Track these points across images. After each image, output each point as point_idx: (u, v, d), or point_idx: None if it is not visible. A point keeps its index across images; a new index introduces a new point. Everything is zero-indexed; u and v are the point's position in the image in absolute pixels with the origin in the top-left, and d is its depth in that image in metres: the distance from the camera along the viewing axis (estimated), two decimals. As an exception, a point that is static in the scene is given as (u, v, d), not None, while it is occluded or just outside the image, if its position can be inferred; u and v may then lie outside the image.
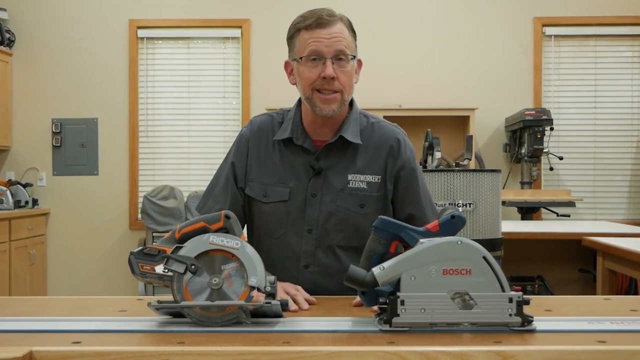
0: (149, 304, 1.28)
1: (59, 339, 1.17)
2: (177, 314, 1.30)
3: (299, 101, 1.80)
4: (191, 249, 1.26)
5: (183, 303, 1.25)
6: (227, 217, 1.30)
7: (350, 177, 1.73)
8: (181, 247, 1.27)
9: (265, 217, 1.76)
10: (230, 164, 1.80)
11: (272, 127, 1.80)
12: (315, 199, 1.72)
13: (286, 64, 1.78)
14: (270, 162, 1.77)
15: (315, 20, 1.66)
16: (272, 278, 1.27)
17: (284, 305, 1.28)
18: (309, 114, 1.74)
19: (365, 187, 1.73)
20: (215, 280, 1.26)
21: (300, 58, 1.68)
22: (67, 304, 1.59)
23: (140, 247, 1.30)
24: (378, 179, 1.75)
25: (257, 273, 1.25)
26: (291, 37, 1.72)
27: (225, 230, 1.29)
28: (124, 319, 1.35)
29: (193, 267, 1.26)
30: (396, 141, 1.78)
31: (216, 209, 1.69)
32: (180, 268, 1.25)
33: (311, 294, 1.62)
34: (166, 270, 1.26)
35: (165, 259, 1.26)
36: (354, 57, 1.71)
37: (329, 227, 1.72)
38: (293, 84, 1.77)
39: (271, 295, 1.26)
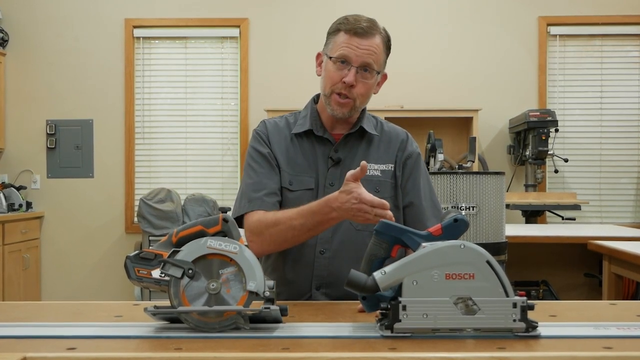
0: (145, 309, 1.27)
1: (53, 345, 1.16)
2: (174, 320, 1.28)
3: (316, 97, 1.90)
4: (188, 253, 1.25)
5: (180, 308, 1.23)
6: (225, 220, 1.29)
7: None
8: (178, 251, 1.26)
9: (289, 205, 1.79)
10: (267, 153, 1.83)
11: (286, 124, 1.90)
12: (333, 188, 1.78)
13: (318, 55, 1.86)
14: (291, 154, 1.84)
15: (355, 27, 1.74)
16: (271, 283, 1.26)
17: (283, 311, 1.27)
18: None
19: (379, 174, 1.83)
20: (213, 285, 1.24)
21: (330, 58, 1.76)
22: (62, 309, 1.59)
23: (137, 251, 1.29)
24: (391, 167, 1.85)
25: (256, 278, 1.24)
26: (331, 33, 1.80)
27: (224, 234, 1.29)
28: (120, 324, 1.34)
29: (190, 271, 1.24)
30: (405, 135, 1.92)
31: (272, 200, 1.77)
32: (177, 272, 1.24)
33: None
34: (163, 275, 1.25)
35: (162, 263, 1.25)
36: (379, 72, 1.79)
37: None
38: (319, 75, 1.85)
39: (270, 300, 1.25)
